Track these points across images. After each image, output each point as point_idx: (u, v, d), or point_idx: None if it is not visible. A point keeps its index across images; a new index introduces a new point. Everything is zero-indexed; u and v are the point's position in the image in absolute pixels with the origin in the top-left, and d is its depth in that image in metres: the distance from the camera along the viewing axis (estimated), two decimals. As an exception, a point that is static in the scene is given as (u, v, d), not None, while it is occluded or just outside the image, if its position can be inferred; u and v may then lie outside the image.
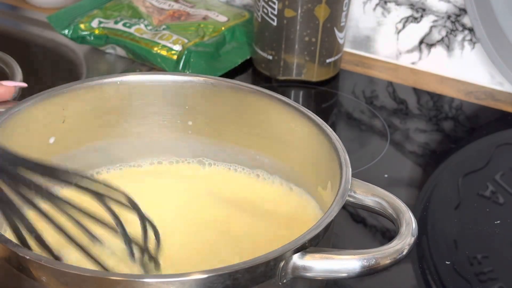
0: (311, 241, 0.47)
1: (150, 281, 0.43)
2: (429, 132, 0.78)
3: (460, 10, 0.85)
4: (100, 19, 0.88)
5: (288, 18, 0.82)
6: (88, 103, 0.61)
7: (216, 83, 0.62)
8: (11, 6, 1.00)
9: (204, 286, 0.43)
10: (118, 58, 0.88)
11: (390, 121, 0.79)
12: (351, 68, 0.89)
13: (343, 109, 0.83)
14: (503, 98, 0.85)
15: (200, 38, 0.85)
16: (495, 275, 0.60)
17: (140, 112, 0.63)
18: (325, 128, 0.57)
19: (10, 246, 0.45)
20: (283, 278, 0.46)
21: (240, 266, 0.44)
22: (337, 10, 0.82)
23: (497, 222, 0.66)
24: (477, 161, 0.74)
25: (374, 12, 0.90)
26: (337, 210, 0.49)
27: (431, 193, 0.69)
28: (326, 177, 0.56)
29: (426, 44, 0.89)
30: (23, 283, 0.46)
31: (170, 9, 0.91)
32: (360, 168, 0.70)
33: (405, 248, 0.48)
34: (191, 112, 0.63)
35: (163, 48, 0.84)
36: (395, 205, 0.51)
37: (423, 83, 0.87)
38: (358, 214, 0.66)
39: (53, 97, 0.59)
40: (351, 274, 0.47)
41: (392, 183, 0.70)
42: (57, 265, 0.44)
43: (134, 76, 0.63)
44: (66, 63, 0.90)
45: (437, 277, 0.59)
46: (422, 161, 0.75)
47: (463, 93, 0.86)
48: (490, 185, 0.70)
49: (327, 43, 0.83)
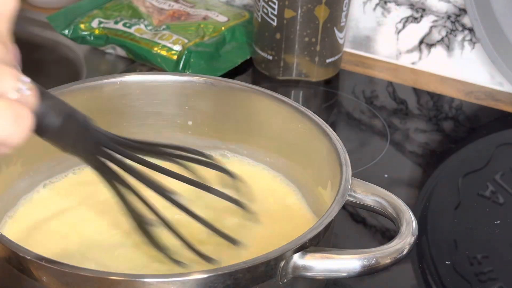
0: (311, 240, 0.47)
1: (150, 281, 0.43)
2: (429, 132, 0.78)
3: (460, 10, 0.85)
4: (100, 19, 0.88)
5: (288, 18, 0.82)
6: (88, 103, 0.61)
7: (216, 83, 0.62)
8: (11, 6, 1.00)
9: (205, 285, 0.43)
10: (118, 58, 0.88)
11: (390, 121, 0.79)
12: (351, 68, 0.89)
13: (343, 109, 0.83)
14: (503, 98, 0.85)
15: (200, 38, 0.85)
16: (495, 275, 0.60)
17: (140, 112, 0.63)
18: (325, 128, 0.57)
19: (10, 246, 0.45)
20: (284, 278, 0.47)
21: (241, 266, 0.44)
22: (337, 10, 0.82)
23: (497, 222, 0.66)
24: (477, 161, 0.74)
25: (374, 12, 0.90)
26: (337, 210, 0.49)
27: (431, 193, 0.69)
28: (326, 177, 0.56)
29: (426, 44, 0.89)
30: (24, 283, 0.46)
31: (170, 9, 0.91)
32: (360, 168, 0.70)
33: (405, 248, 0.48)
34: (191, 112, 0.63)
35: (163, 48, 0.84)
36: (395, 205, 0.51)
37: (423, 83, 0.87)
38: (358, 214, 0.66)
39: (53, 97, 0.59)
40: (351, 274, 0.47)
41: (392, 183, 0.70)
42: (58, 265, 0.44)
43: (134, 76, 0.63)
44: (66, 63, 0.90)
45: (437, 277, 0.59)
46: (422, 161, 0.75)
47: (463, 93, 0.86)
48: (490, 185, 0.70)
49: (327, 43, 0.83)
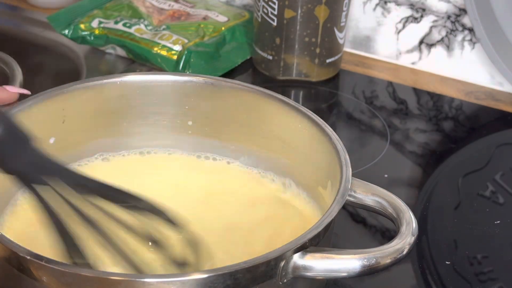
0: (311, 240, 0.47)
1: (150, 281, 0.43)
2: (429, 132, 0.78)
3: (460, 10, 0.85)
4: (100, 19, 0.88)
5: (288, 18, 0.82)
6: (88, 103, 0.61)
7: (216, 83, 0.62)
8: (11, 6, 1.00)
9: (205, 285, 0.43)
10: (118, 58, 0.88)
11: (390, 121, 0.79)
12: (351, 68, 0.89)
13: (343, 109, 0.83)
14: (503, 98, 0.85)
15: (200, 38, 0.85)
16: (495, 275, 0.60)
17: (140, 112, 0.63)
18: (325, 128, 0.57)
19: (10, 246, 0.45)
20: (284, 278, 0.47)
21: (241, 266, 0.44)
22: (337, 10, 0.82)
23: (497, 222, 0.66)
24: (477, 161, 0.74)
25: (374, 12, 0.90)
26: (337, 210, 0.49)
27: (431, 193, 0.69)
28: (326, 177, 0.56)
29: (426, 44, 0.89)
30: (24, 283, 0.46)
31: (170, 9, 0.90)
32: (360, 168, 0.70)
33: (405, 248, 0.48)
34: (191, 112, 0.63)
35: (163, 48, 0.84)
36: (395, 205, 0.51)
37: (423, 83, 0.87)
38: (358, 214, 0.66)
39: (53, 97, 0.59)
40: (351, 274, 0.47)
41: (392, 183, 0.70)
42: (58, 265, 0.44)
43: (134, 76, 0.63)
44: (66, 63, 0.90)
45: (437, 277, 0.59)
46: (422, 161, 0.75)
47: (463, 93, 0.86)
48: (490, 185, 0.70)
49: (327, 43, 0.83)
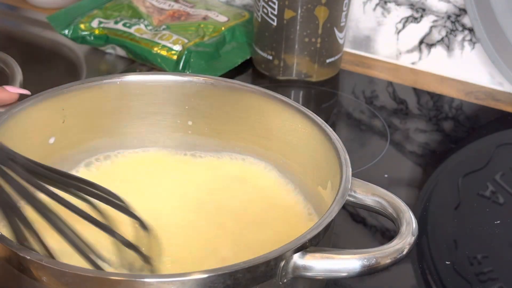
0: (311, 240, 0.47)
1: (150, 281, 0.43)
2: (429, 132, 0.78)
3: (460, 10, 0.85)
4: (100, 19, 0.88)
5: (288, 18, 0.82)
6: (88, 103, 0.61)
7: (216, 83, 0.62)
8: (11, 6, 1.00)
9: (205, 285, 0.43)
10: (118, 58, 0.88)
11: (390, 121, 0.79)
12: (351, 68, 0.89)
13: (343, 109, 0.83)
14: (503, 98, 0.85)
15: (200, 38, 0.85)
16: (495, 275, 0.60)
17: (140, 112, 0.63)
18: (325, 128, 0.57)
19: (10, 246, 0.45)
20: (284, 278, 0.46)
21: (241, 266, 0.44)
22: (337, 10, 0.82)
23: (497, 222, 0.66)
24: (477, 161, 0.74)
25: (374, 12, 0.90)
26: (337, 210, 0.49)
27: (431, 193, 0.69)
28: (326, 177, 0.56)
29: (426, 44, 0.89)
30: (24, 283, 0.46)
31: (170, 9, 0.91)
32: (360, 168, 0.70)
33: (405, 248, 0.48)
34: (191, 112, 0.63)
35: (163, 48, 0.84)
36: (395, 205, 0.51)
37: (423, 83, 0.87)
38: (358, 214, 0.66)
39: (53, 97, 0.59)
40: (351, 274, 0.47)
41: (392, 183, 0.70)
42: (58, 265, 0.44)
43: (134, 76, 0.63)
44: (66, 63, 0.90)
45: (437, 277, 0.59)
46: (422, 161, 0.75)
47: (463, 93, 0.86)
48: (490, 185, 0.70)
49: (327, 43, 0.83)
